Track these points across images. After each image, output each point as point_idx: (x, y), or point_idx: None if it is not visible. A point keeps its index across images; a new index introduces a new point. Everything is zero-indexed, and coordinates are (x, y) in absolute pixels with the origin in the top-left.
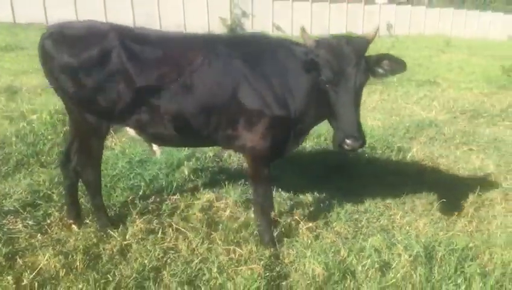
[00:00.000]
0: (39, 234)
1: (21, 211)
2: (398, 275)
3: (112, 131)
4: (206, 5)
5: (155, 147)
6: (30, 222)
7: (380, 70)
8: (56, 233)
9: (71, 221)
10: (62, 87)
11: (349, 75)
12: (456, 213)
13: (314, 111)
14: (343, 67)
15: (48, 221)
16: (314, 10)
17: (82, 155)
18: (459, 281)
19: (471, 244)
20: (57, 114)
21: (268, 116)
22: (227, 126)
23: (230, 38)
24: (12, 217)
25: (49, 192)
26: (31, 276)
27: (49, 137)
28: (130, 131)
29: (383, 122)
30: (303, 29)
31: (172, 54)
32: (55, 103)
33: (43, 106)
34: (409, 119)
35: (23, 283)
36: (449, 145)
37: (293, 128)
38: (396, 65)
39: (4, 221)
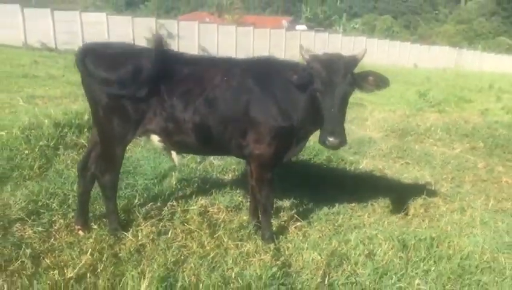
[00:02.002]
0: (52, 239)
1: (26, 219)
2: (384, 259)
3: None
4: (131, 24)
5: (174, 154)
6: (39, 229)
7: (367, 86)
8: (66, 237)
9: (79, 227)
10: (97, 99)
11: (336, 85)
12: (410, 213)
13: (312, 119)
14: (331, 78)
15: (55, 227)
16: (239, 33)
17: (104, 161)
18: (430, 262)
19: (433, 235)
20: (27, 130)
21: (274, 127)
22: (239, 136)
23: (244, 61)
24: (19, 224)
25: (47, 202)
26: (69, 273)
27: (25, 152)
28: (154, 138)
29: None
30: (301, 46)
31: (197, 73)
32: (20, 118)
33: (8, 121)
34: (349, 137)
35: (61, 279)
36: (388, 159)
37: (295, 136)
38: (381, 81)
39: (14, 228)
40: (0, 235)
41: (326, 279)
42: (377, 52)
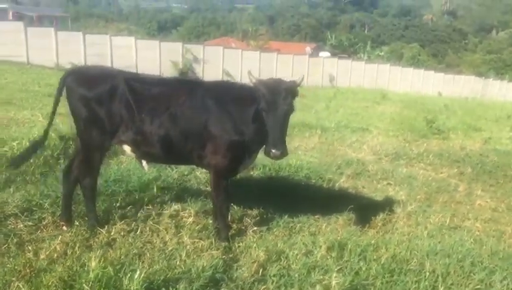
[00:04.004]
0: (38, 231)
1: (20, 214)
2: (318, 257)
3: None
4: (159, 48)
5: (144, 163)
6: (29, 223)
7: None
8: (51, 231)
9: (63, 223)
10: (78, 112)
11: (277, 104)
12: (368, 226)
13: (261, 134)
14: (273, 98)
15: (44, 223)
16: (263, 59)
17: (85, 167)
18: (361, 263)
19: (372, 242)
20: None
21: (228, 141)
22: (198, 148)
23: (205, 83)
24: (13, 219)
25: (40, 202)
26: (43, 256)
27: (31, 160)
28: (126, 148)
29: (320, 159)
30: (249, 72)
31: (163, 92)
32: (31, 132)
33: (21, 134)
34: (341, 158)
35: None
36: (372, 179)
37: (247, 149)
38: None
39: (8, 221)
40: None
41: (261, 271)
42: (400, 80)
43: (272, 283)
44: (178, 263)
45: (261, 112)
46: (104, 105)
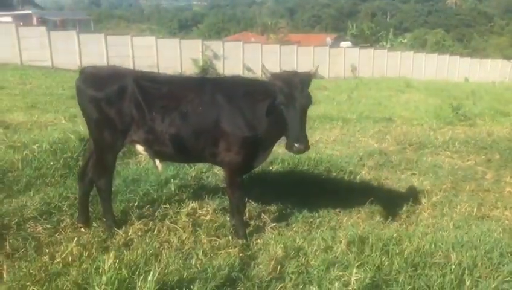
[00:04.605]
0: (56, 234)
1: (39, 217)
2: (337, 253)
3: None
4: (179, 46)
5: (157, 162)
6: (48, 225)
7: None
8: (69, 233)
9: (81, 225)
10: (89, 113)
11: (296, 98)
12: (391, 218)
13: (274, 129)
14: (291, 92)
15: (62, 225)
16: (283, 52)
17: (99, 168)
18: (383, 258)
19: (395, 235)
20: (55, 144)
21: (241, 137)
22: (211, 145)
23: (215, 79)
24: (32, 222)
25: (59, 204)
26: (58, 259)
27: (51, 163)
28: (139, 148)
29: (341, 152)
30: (263, 66)
31: (173, 90)
32: (51, 134)
33: (41, 137)
34: (363, 149)
35: (53, 263)
36: (395, 170)
37: (260, 145)
38: None
39: (26, 225)
40: (14, 230)
41: (278, 268)
42: (425, 66)
43: (290, 280)
44: (194, 262)
45: (278, 106)
46: (114, 105)
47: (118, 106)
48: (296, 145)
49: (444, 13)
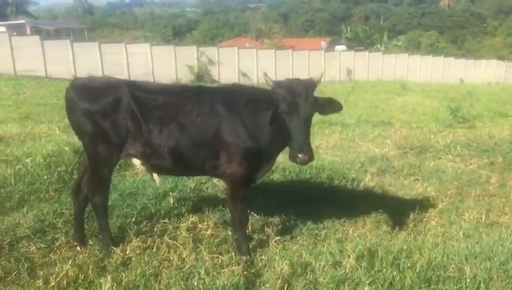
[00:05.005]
0: (51, 254)
1: (32, 236)
2: (347, 268)
3: None
4: (174, 53)
5: (155, 176)
6: (42, 245)
7: (323, 109)
8: (64, 252)
9: (76, 243)
10: (82, 127)
11: (300, 106)
12: (398, 228)
13: (278, 139)
14: (295, 100)
15: (57, 244)
16: (278, 57)
17: (94, 183)
18: (394, 272)
19: (405, 247)
20: (49, 157)
21: (243, 148)
22: (212, 157)
23: (213, 88)
24: (25, 241)
25: (54, 221)
26: (53, 284)
27: (45, 177)
28: (136, 161)
29: (341, 158)
30: (265, 74)
31: (169, 100)
32: (45, 147)
33: (35, 149)
34: (364, 155)
35: (47, 287)
36: (398, 176)
37: (263, 156)
38: (335, 107)
39: (19, 244)
40: (6, 251)
41: (286, 287)
42: (420, 69)
43: None
44: (196, 283)
45: (281, 115)
46: (109, 117)
47: (113, 118)
48: (299, 155)
49: (437, 15)
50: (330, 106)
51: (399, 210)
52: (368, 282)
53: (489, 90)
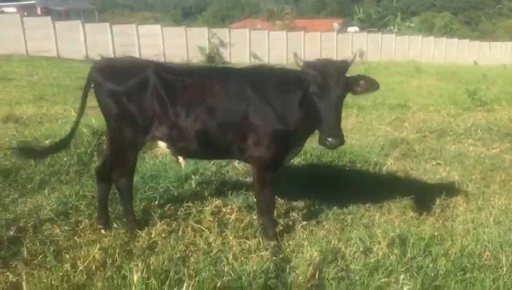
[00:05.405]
0: (76, 237)
1: (55, 218)
2: (379, 255)
3: None
4: (185, 34)
5: (180, 159)
6: (66, 227)
7: (358, 89)
8: (89, 235)
9: (100, 226)
10: (107, 109)
11: (331, 88)
12: (425, 213)
13: (307, 122)
14: (326, 82)
15: (81, 226)
16: (290, 38)
17: (119, 166)
18: (427, 260)
19: (436, 233)
20: None
21: (272, 131)
22: (239, 140)
23: (240, 69)
24: (49, 223)
25: (76, 203)
26: (81, 267)
27: (65, 159)
28: (161, 145)
29: (360, 141)
30: (295, 54)
31: (197, 82)
32: (63, 128)
33: (53, 131)
34: (383, 138)
35: (76, 271)
36: (419, 160)
37: (292, 139)
38: (371, 84)
39: (43, 227)
40: (30, 233)
41: (317, 274)
42: (433, 50)
43: (331, 287)
44: (226, 268)
45: (312, 97)
46: (135, 99)
47: (138, 100)
48: (329, 139)
49: None
50: (365, 85)
51: (424, 195)
52: (401, 270)
53: (505, 72)
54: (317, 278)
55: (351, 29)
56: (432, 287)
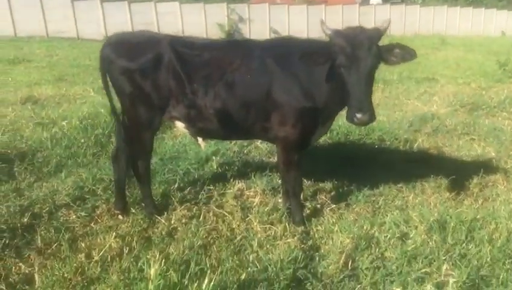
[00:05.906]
0: (92, 223)
1: (72, 204)
2: (417, 242)
3: None
4: (204, 11)
5: (200, 140)
6: (82, 213)
7: (392, 58)
8: (106, 221)
9: (118, 212)
10: (121, 87)
11: (360, 58)
12: (462, 193)
13: (336, 97)
14: (355, 52)
15: (98, 212)
16: (310, 13)
17: (135, 148)
18: (470, 246)
19: (478, 216)
20: (85, 119)
21: (297, 108)
22: (262, 119)
23: (262, 42)
24: (65, 209)
25: (93, 188)
26: (96, 258)
27: (82, 140)
28: (179, 125)
29: (388, 117)
30: (322, 22)
31: (216, 57)
32: (81, 109)
33: (71, 112)
34: (411, 114)
35: (91, 263)
36: (451, 135)
37: (320, 116)
38: (407, 53)
39: (59, 213)
40: (45, 220)
41: (350, 263)
42: (459, 21)
43: (366, 278)
44: (250, 257)
45: (339, 69)
46: (149, 76)
47: (153, 77)
48: (357, 115)
49: None
50: (400, 54)
51: (460, 173)
52: (443, 258)
53: None
54: (349, 267)
55: (373, 1)
56: (479, 279)
